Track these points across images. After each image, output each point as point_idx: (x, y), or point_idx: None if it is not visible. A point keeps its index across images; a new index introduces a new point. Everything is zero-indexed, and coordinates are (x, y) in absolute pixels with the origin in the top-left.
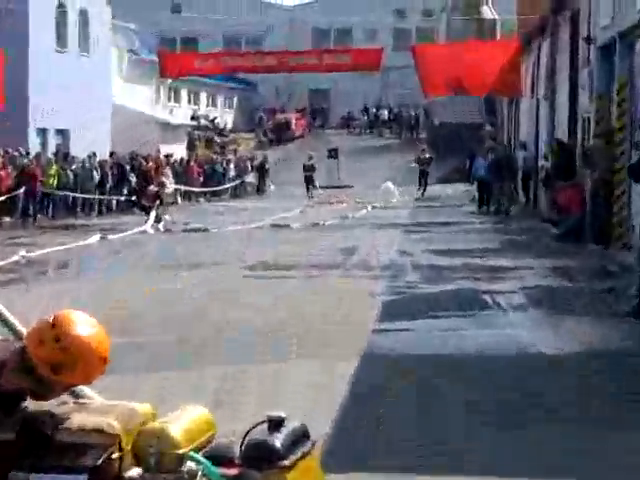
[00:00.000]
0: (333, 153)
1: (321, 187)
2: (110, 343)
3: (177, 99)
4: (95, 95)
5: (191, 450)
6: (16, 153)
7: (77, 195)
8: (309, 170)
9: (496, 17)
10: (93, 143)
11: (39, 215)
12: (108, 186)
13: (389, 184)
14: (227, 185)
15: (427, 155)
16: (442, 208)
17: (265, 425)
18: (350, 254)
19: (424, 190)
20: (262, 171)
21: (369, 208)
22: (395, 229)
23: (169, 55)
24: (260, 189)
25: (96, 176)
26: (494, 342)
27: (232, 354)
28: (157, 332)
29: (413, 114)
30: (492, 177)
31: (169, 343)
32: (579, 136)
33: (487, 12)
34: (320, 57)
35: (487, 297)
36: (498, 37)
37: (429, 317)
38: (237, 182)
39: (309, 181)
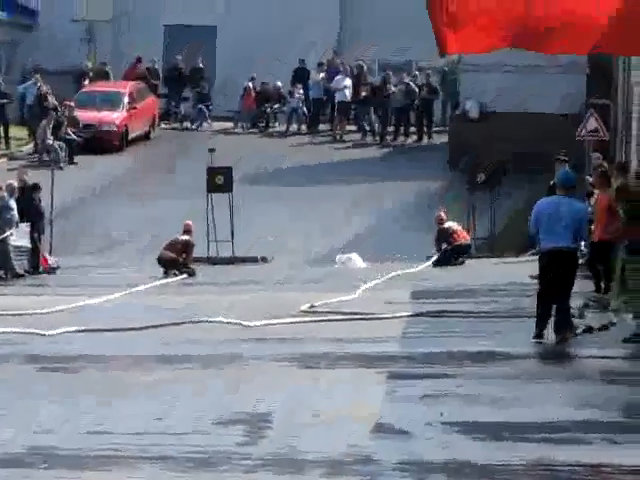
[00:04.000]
0: (222, 181)
1: (195, 260)
2: None
3: None
4: None
5: None
6: None
7: None
8: None
9: None
10: None
11: None
12: None
13: (353, 257)
14: None
15: (482, 174)
16: (476, 322)
17: None
18: (256, 435)
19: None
20: (38, 221)
21: (303, 312)
22: (363, 370)
23: None
24: (35, 265)
25: None
26: None
27: None
28: None
29: (414, 87)
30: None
31: None
32: None
33: None
34: None
35: None
36: None
37: None
38: None
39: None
